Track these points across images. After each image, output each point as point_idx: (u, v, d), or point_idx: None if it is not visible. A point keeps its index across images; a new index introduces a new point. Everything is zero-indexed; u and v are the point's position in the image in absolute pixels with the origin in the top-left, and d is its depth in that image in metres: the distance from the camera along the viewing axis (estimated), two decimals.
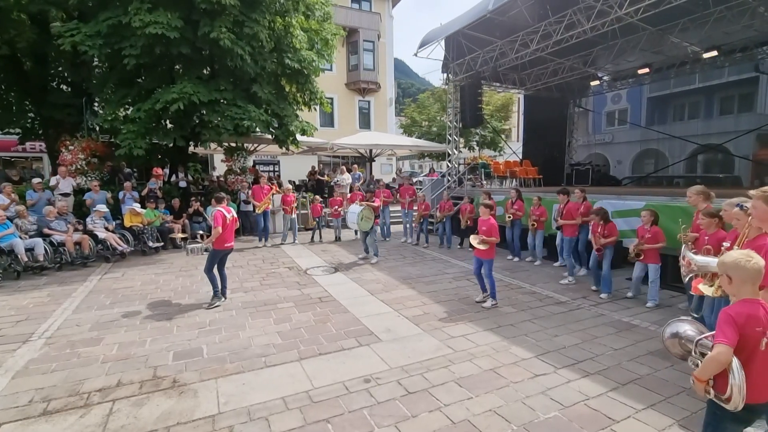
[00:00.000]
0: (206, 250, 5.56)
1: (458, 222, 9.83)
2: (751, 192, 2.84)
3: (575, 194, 7.09)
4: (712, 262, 2.91)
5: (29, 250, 6.95)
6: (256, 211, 9.98)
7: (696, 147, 15.74)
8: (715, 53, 10.82)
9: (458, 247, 9.76)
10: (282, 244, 10.11)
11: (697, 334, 1.99)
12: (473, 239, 5.38)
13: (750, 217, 2.87)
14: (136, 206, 8.86)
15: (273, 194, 10.70)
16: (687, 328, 2.07)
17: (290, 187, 10.76)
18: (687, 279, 3.83)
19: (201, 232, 9.20)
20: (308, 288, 6.31)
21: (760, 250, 2.59)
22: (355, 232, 10.99)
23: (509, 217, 8.27)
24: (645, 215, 5.43)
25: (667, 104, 17.81)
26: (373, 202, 8.46)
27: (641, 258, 5.40)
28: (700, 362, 1.88)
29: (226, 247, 5.54)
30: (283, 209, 10.20)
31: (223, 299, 5.56)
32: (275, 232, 11.40)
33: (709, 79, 15.69)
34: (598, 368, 3.67)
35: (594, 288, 6.14)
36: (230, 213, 5.55)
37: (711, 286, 3.16)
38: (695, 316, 4.17)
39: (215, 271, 5.52)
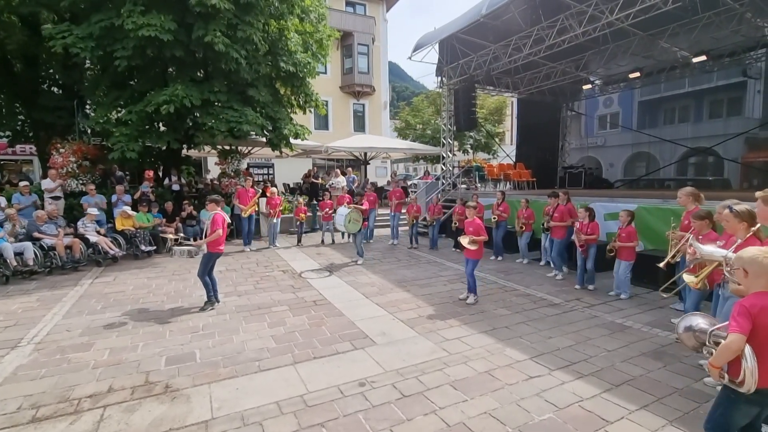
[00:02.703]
0: (194, 254, 5.52)
1: (449, 224, 9.90)
2: (758, 193, 2.93)
3: (559, 197, 7.23)
4: (715, 252, 2.93)
5: (18, 254, 6.84)
6: (243, 214, 9.89)
7: (686, 150, 15.95)
8: (704, 58, 11.02)
9: (453, 249, 9.78)
10: (267, 248, 10.00)
11: (710, 326, 2.13)
12: (463, 239, 5.54)
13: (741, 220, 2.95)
14: (126, 209, 8.77)
15: (258, 197, 10.62)
16: (700, 321, 2.19)
17: (275, 190, 10.68)
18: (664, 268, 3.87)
19: (183, 235, 9.20)
20: (303, 291, 6.28)
21: None
22: (342, 234, 10.97)
23: (494, 218, 8.39)
24: (623, 215, 5.80)
25: (657, 108, 18.04)
26: (362, 204, 8.47)
27: (613, 254, 5.74)
28: (714, 350, 2.01)
29: (220, 250, 5.50)
30: (269, 213, 10.13)
31: (216, 303, 5.52)
32: (265, 236, 11.35)
33: (698, 83, 15.91)
34: (592, 369, 3.69)
35: (577, 287, 6.34)
36: (226, 216, 5.57)
37: (696, 276, 3.24)
38: None
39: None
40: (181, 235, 9.26)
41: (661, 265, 4.17)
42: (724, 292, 3.18)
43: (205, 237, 5.35)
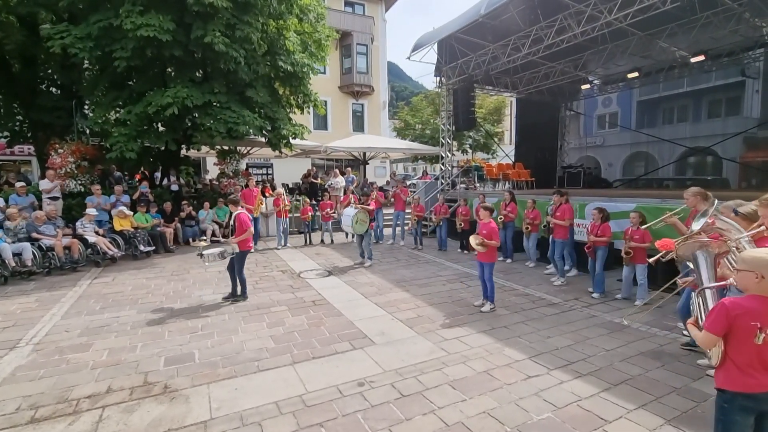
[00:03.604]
0: (226, 255, 5.59)
1: (454, 225, 9.85)
2: (755, 202, 2.90)
3: (564, 195, 7.17)
4: (735, 227, 2.86)
5: (17, 254, 6.83)
6: (254, 214, 9.87)
7: (685, 150, 15.96)
8: (702, 58, 11.00)
9: (457, 251, 9.72)
10: (276, 248, 10.03)
11: (707, 280, 2.32)
12: (473, 239, 5.31)
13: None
14: (123, 209, 8.74)
15: (266, 197, 10.63)
16: (704, 268, 2.37)
17: (281, 191, 10.72)
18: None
19: (199, 238, 9.22)
20: (302, 291, 6.28)
21: None
22: (346, 235, 10.98)
23: (501, 218, 8.32)
24: (634, 217, 5.64)
25: (656, 108, 18.05)
26: (368, 205, 8.41)
27: (631, 257, 5.53)
28: (699, 306, 2.21)
29: (250, 247, 5.80)
30: (276, 212, 10.16)
31: (230, 300, 5.72)
32: (267, 236, 11.35)
33: (696, 83, 15.91)
34: (591, 369, 3.70)
35: (591, 290, 6.15)
36: (249, 215, 5.90)
37: None
38: None
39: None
40: (204, 238, 9.24)
41: (652, 261, 4.12)
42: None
43: (233, 237, 5.60)
